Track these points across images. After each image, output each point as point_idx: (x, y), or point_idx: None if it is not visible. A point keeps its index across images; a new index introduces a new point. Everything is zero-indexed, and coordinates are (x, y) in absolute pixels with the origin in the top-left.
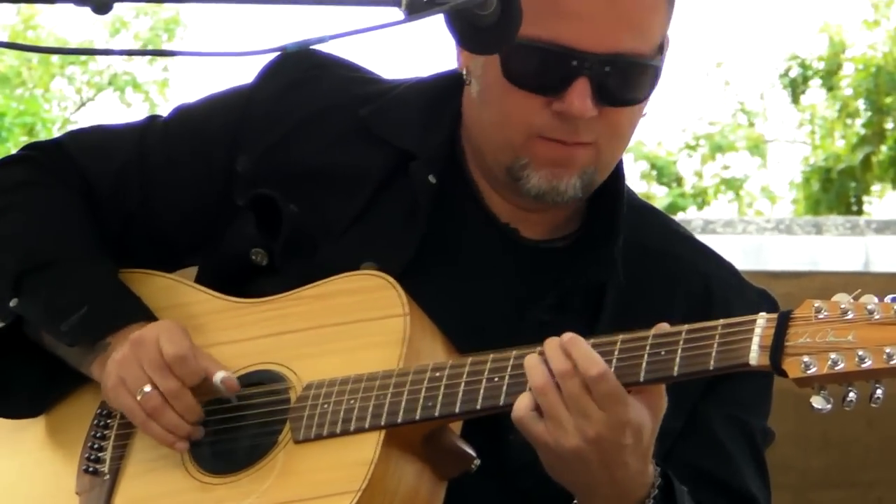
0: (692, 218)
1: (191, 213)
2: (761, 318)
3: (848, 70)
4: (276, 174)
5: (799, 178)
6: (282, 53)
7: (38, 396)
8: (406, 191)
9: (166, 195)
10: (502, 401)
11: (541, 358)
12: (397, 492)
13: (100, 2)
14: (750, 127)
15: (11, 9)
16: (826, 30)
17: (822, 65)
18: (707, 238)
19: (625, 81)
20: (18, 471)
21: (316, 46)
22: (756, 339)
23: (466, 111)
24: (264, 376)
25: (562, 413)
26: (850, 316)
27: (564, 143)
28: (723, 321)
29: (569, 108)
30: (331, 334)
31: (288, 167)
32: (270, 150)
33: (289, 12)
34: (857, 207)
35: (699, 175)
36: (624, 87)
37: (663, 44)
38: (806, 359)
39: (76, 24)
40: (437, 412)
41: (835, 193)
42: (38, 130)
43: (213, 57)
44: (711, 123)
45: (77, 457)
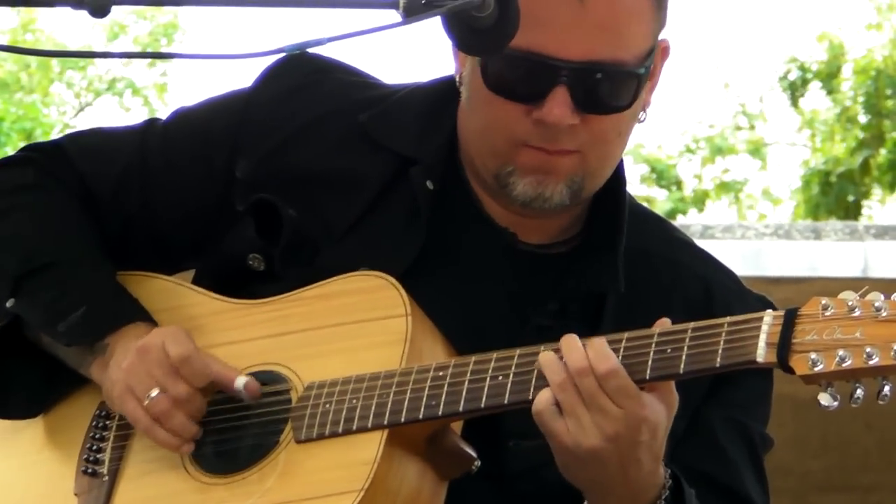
0: (691, 223)
1: (190, 216)
2: (768, 316)
3: (847, 73)
4: (276, 179)
5: (798, 182)
6: (282, 58)
7: (37, 398)
8: (406, 196)
9: (165, 198)
10: (507, 399)
11: (557, 355)
12: (399, 492)
13: (97, 4)
14: (750, 130)
15: (11, 13)
16: (825, 36)
17: (822, 68)
18: (706, 243)
19: (605, 89)
20: (17, 472)
21: (314, 49)
22: (763, 336)
23: (459, 118)
24: (265, 377)
25: (581, 411)
26: (857, 313)
27: (547, 150)
28: (729, 318)
29: (547, 117)
30: (332, 334)
31: (287, 172)
32: (270, 155)
33: (287, 15)
34: (856, 211)
35: (699, 178)
36: (604, 95)
37: (653, 49)
38: (813, 355)
39: (75, 29)
40: (440, 411)
41: (834, 197)
42: (37, 135)
43: (211, 59)
44: (711, 126)
45: (76, 458)
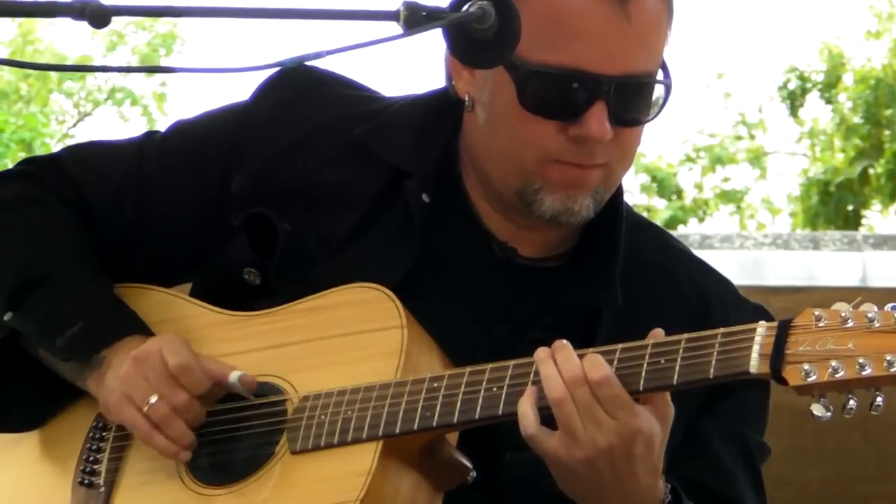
0: (690, 233)
1: (187, 230)
2: (761, 327)
3: (846, 83)
4: (271, 192)
5: (798, 192)
6: (278, 71)
7: (34, 411)
8: (401, 209)
9: (161, 211)
10: (501, 410)
11: (556, 368)
12: (395, 503)
13: (97, 15)
14: (750, 139)
15: (10, 24)
16: (826, 47)
17: (821, 77)
18: (704, 253)
19: (639, 102)
20: (13, 484)
21: (314, 61)
22: (756, 348)
23: (470, 137)
24: (261, 388)
25: (576, 424)
26: (850, 324)
27: (582, 166)
28: (722, 330)
29: (587, 133)
30: (328, 346)
31: (283, 185)
32: (265, 169)
33: (286, 27)
34: (856, 221)
35: (699, 187)
36: (638, 108)
37: (664, 61)
38: (806, 366)
39: (74, 39)
40: (434, 422)
41: (833, 207)
42: (36, 146)
43: (211, 73)
44: (711, 136)
45: (72, 470)
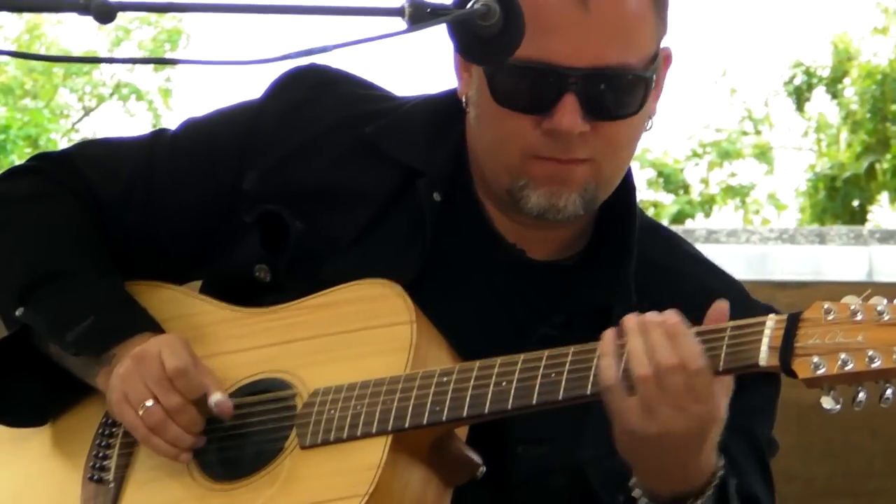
0: (695, 227)
1: (197, 228)
2: (770, 320)
3: (853, 77)
4: (283, 191)
5: (804, 187)
6: (290, 70)
7: (44, 407)
8: (412, 208)
9: (172, 209)
10: (510, 405)
11: (643, 344)
12: (403, 497)
13: (103, 10)
14: (756, 134)
15: (16, 19)
16: (835, 42)
17: (827, 72)
18: (711, 248)
19: (614, 95)
20: (23, 480)
21: (320, 57)
22: (766, 340)
23: (469, 137)
24: (270, 384)
25: (657, 404)
26: (859, 317)
27: (560, 160)
28: (732, 323)
29: (558, 126)
30: (337, 342)
31: (294, 184)
32: (277, 167)
33: (292, 22)
34: (862, 216)
35: (706, 182)
36: (614, 101)
37: (657, 56)
38: (816, 359)
39: (79, 35)
40: (444, 416)
41: (840, 202)
42: (42, 142)
43: (217, 66)
44: (718, 131)
45: (82, 466)
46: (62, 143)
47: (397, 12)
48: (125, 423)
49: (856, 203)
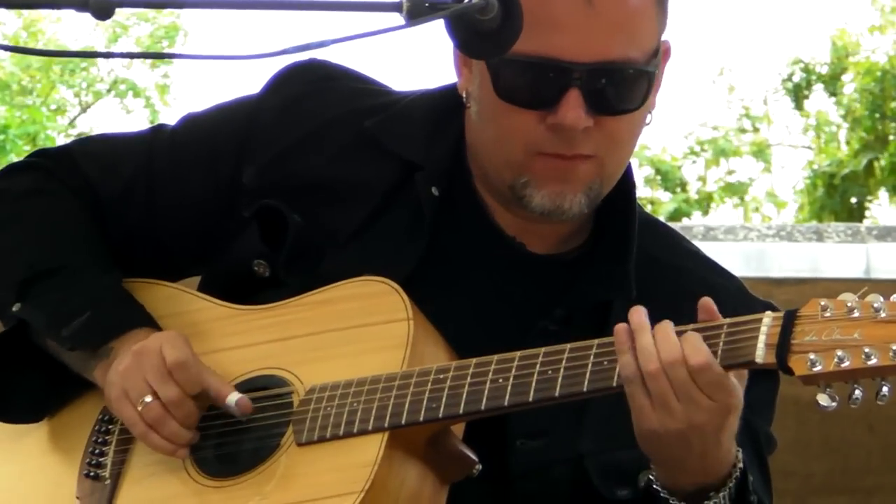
0: (693, 224)
1: (196, 224)
2: (767, 317)
3: (852, 75)
4: (282, 185)
5: (803, 184)
6: (289, 64)
7: (41, 402)
8: (410, 202)
9: (172, 205)
10: (507, 401)
11: (653, 340)
12: (400, 494)
13: (101, 6)
14: (755, 132)
15: (13, 16)
16: (830, 39)
17: (826, 69)
18: (708, 245)
19: (617, 89)
20: (20, 476)
21: (318, 52)
22: (762, 337)
23: (469, 132)
24: (267, 381)
25: (671, 400)
26: (856, 314)
27: (564, 156)
28: (728, 320)
29: (562, 121)
30: (334, 339)
31: (293, 178)
32: (276, 161)
33: (290, 18)
34: (861, 213)
35: (703, 180)
36: (617, 96)
37: (658, 49)
38: (812, 356)
39: (77, 31)
40: (440, 413)
41: (839, 199)
42: (40, 140)
43: (215, 60)
44: (715, 128)
45: (78, 462)
46: (60, 140)
47: (395, 7)
48: (124, 418)
49: (854, 200)
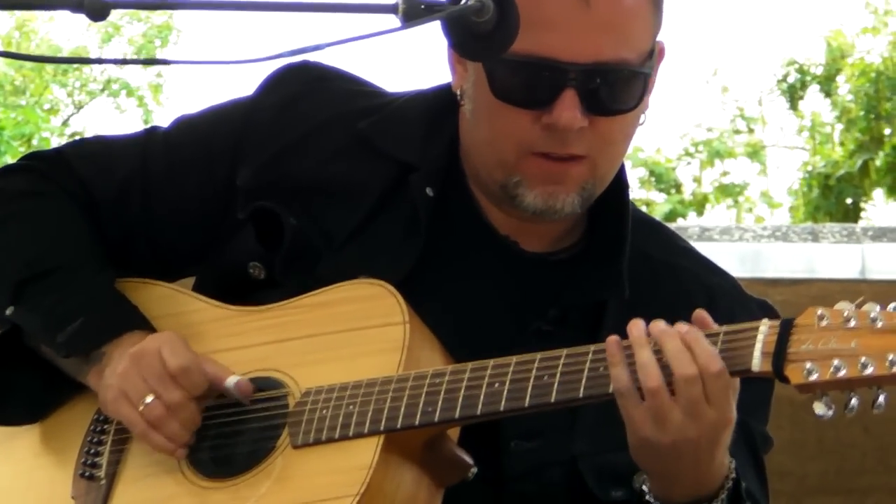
0: (689, 225)
1: (190, 224)
2: (764, 325)
3: (847, 75)
4: (277, 187)
5: (797, 185)
6: (284, 66)
7: (36, 404)
8: (406, 203)
9: (166, 205)
10: (503, 406)
11: (654, 355)
12: (395, 497)
13: (96, 7)
14: (749, 133)
15: (7, 16)
16: (825, 40)
17: (821, 70)
18: (704, 245)
19: (612, 90)
20: (14, 477)
21: (313, 54)
22: (759, 346)
23: (462, 130)
24: (263, 383)
25: (668, 413)
26: (852, 323)
27: (557, 156)
28: (725, 327)
29: (557, 120)
30: (330, 342)
31: (288, 180)
32: (271, 163)
33: (284, 18)
34: (856, 214)
35: (698, 181)
36: (612, 96)
37: (653, 50)
38: (808, 365)
39: (70, 31)
40: (436, 417)
41: (834, 200)
42: (35, 143)
43: (210, 65)
44: (709, 130)
45: (73, 462)
46: (54, 140)
47: (391, 9)
48: (123, 419)
49: (849, 201)
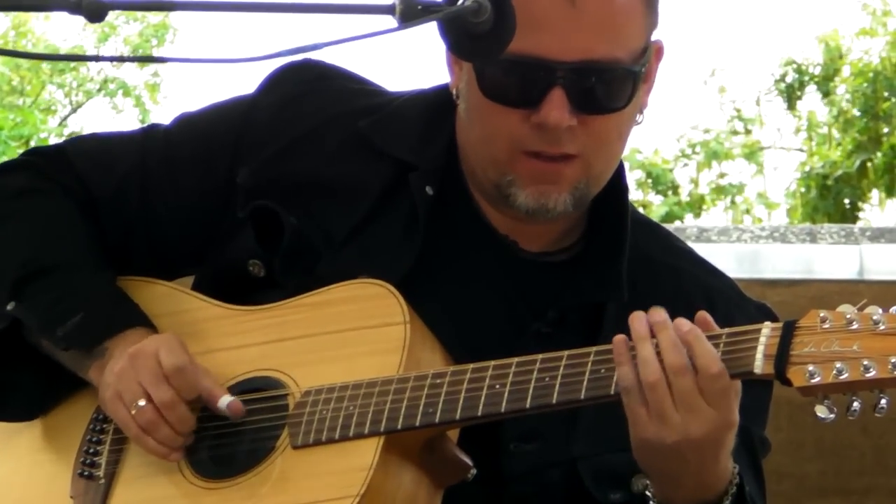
0: (687, 226)
1: (191, 224)
2: (766, 328)
3: (845, 75)
4: (277, 185)
5: (795, 186)
6: (284, 64)
7: (36, 401)
8: (405, 203)
9: (166, 203)
10: (504, 407)
11: (654, 351)
12: (395, 498)
13: (94, 9)
14: (746, 134)
15: (3, 17)
16: (822, 40)
17: (819, 70)
18: (702, 246)
19: (601, 89)
20: (13, 474)
21: (312, 54)
22: (761, 348)
23: (458, 130)
24: (263, 383)
25: (668, 411)
26: (855, 326)
27: (549, 156)
28: (727, 330)
29: (545, 119)
30: (330, 341)
31: (288, 179)
32: (271, 162)
33: (282, 18)
34: (854, 215)
35: (695, 183)
36: (601, 95)
37: (646, 49)
38: (811, 368)
39: (66, 30)
40: (437, 418)
41: (832, 200)
42: (33, 143)
43: (209, 64)
44: (706, 131)
45: (72, 461)
46: (52, 140)
47: (388, 10)
48: (117, 420)
49: (847, 201)
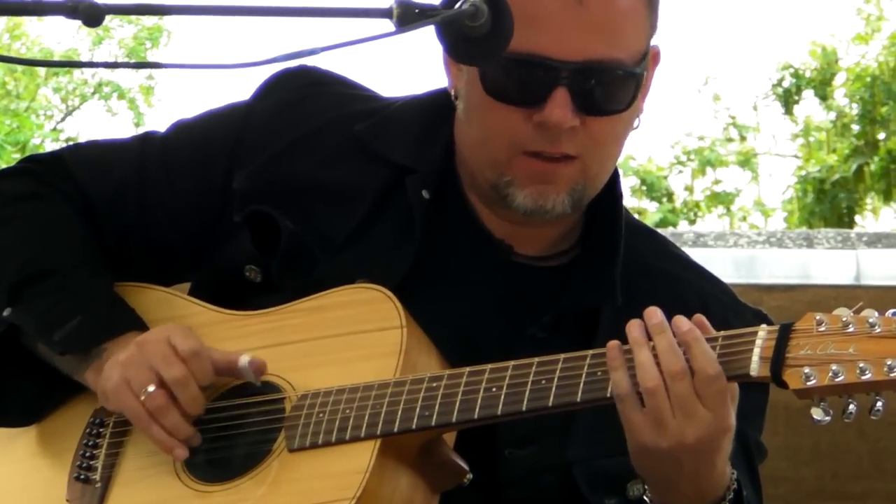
0: (683, 231)
1: (188, 229)
2: (762, 330)
3: (841, 79)
4: (273, 190)
5: (791, 191)
6: (280, 70)
7: (33, 406)
8: (402, 206)
9: (163, 209)
10: (500, 410)
11: (651, 356)
12: (391, 502)
13: (91, 14)
14: (741, 141)
15: None
16: (819, 45)
17: (816, 75)
18: (698, 251)
19: (604, 90)
20: (10, 478)
21: (309, 59)
22: (757, 351)
23: (456, 131)
24: (260, 387)
25: (667, 416)
26: (851, 329)
27: (548, 155)
28: (723, 332)
29: (548, 118)
30: (327, 346)
31: (284, 183)
32: (267, 167)
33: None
34: (850, 219)
35: (690, 190)
36: (604, 96)
37: (647, 52)
38: (807, 370)
39: (61, 34)
40: (433, 421)
41: (829, 205)
42: (30, 148)
43: (205, 69)
44: (701, 138)
45: (68, 465)
46: (48, 144)
47: (385, 14)
48: (124, 408)
49: (844, 206)
